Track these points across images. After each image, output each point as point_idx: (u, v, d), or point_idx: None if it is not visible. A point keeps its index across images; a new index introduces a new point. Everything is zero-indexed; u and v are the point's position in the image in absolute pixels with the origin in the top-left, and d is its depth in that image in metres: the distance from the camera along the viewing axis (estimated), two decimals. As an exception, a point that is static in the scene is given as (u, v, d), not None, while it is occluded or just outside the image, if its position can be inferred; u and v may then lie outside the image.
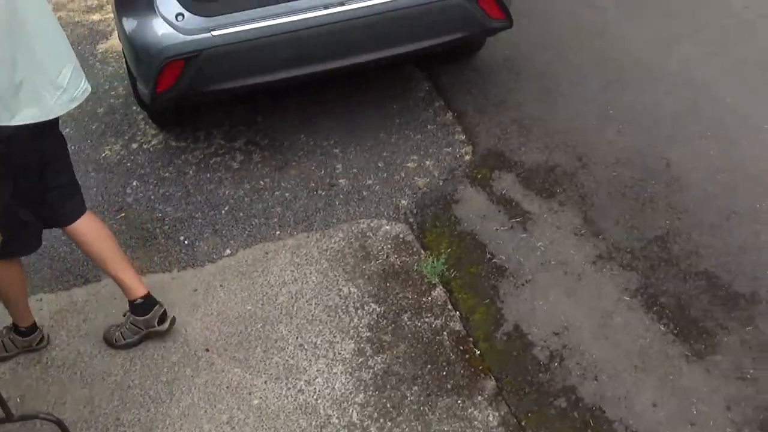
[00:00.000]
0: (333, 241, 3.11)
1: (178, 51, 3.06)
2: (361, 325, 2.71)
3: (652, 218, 2.92)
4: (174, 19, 3.06)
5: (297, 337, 2.70)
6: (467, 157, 3.48)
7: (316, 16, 3.13)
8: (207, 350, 2.70)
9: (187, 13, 3.06)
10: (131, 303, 2.69)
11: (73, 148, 4.13)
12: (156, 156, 3.91)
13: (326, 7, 3.14)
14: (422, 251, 2.99)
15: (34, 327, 2.72)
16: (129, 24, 3.13)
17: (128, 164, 3.87)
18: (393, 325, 2.69)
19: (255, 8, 3.11)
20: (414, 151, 3.59)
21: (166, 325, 2.72)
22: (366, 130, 3.82)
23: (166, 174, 3.73)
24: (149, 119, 4.12)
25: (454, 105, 3.91)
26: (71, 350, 2.77)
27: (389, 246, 3.03)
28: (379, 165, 3.54)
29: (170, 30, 3.05)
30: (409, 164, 3.51)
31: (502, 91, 3.92)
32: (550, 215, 2.98)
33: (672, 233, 2.84)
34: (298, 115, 4.02)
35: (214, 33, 3.06)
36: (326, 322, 2.74)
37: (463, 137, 3.63)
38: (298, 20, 3.12)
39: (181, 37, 3.06)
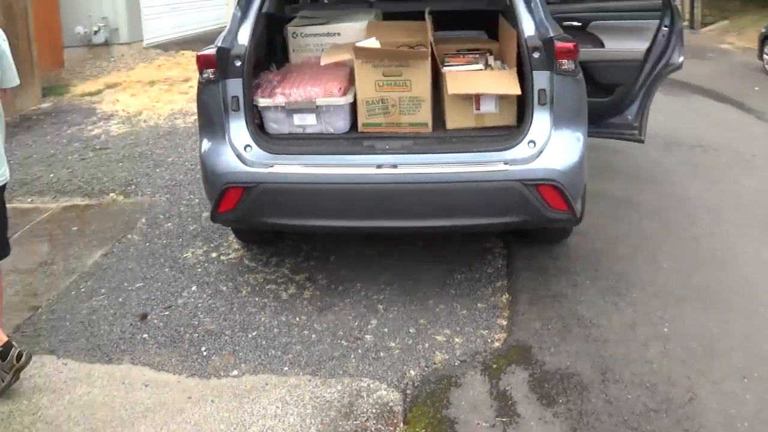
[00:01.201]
0: (328, 391, 3.21)
1: (238, 179, 3.48)
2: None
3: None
4: (242, 149, 3.50)
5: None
6: (496, 344, 3.46)
7: (367, 174, 3.41)
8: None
9: (254, 146, 3.49)
10: None
11: (165, 241, 4.72)
12: (225, 269, 4.32)
13: (379, 166, 3.42)
14: (401, 424, 3.00)
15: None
16: (205, 145, 3.62)
17: (199, 269, 4.31)
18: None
19: (314, 154, 3.46)
20: (450, 326, 3.64)
21: (24, 359, 3.13)
22: (419, 292, 3.95)
23: (223, 288, 4.10)
24: (235, 236, 4.57)
25: (513, 288, 3.95)
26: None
27: (374, 411, 3.07)
28: (410, 331, 3.63)
29: (236, 159, 3.48)
30: (438, 337, 3.56)
31: (565, 285, 3.91)
32: (537, 424, 2.88)
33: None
34: (368, 263, 4.27)
35: (272, 169, 3.44)
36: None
37: (504, 323, 3.63)
38: (351, 174, 3.41)
39: (244, 168, 3.47)
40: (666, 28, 5.26)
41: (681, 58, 5.29)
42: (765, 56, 11.89)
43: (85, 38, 12.22)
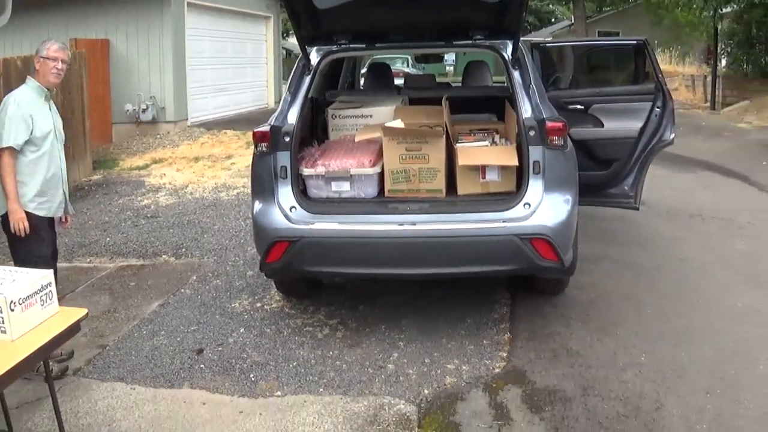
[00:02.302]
0: (356, 406, 4.04)
1: (285, 234, 4.42)
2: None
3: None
4: (288, 210, 4.45)
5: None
6: (496, 370, 4.28)
7: (391, 230, 4.34)
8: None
9: (298, 207, 4.45)
10: None
11: (214, 294, 5.63)
12: (269, 315, 5.21)
13: (401, 224, 4.35)
14: (416, 428, 3.83)
15: None
16: (257, 206, 4.58)
17: (246, 316, 5.20)
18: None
19: (347, 214, 4.41)
20: (459, 357, 4.47)
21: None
22: (435, 332, 4.78)
23: (267, 330, 4.98)
24: (277, 289, 5.49)
25: (514, 329, 4.78)
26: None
27: (394, 419, 3.88)
28: (426, 361, 4.46)
29: (283, 218, 4.44)
30: (449, 365, 4.39)
31: (559, 326, 4.75)
32: (527, 426, 3.68)
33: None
34: (393, 310, 5.12)
35: (313, 226, 4.39)
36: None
37: (504, 355, 4.46)
38: (377, 230, 4.35)
39: (290, 225, 4.42)
40: (658, 109, 6.23)
41: (672, 135, 6.24)
42: (778, 135, 12.70)
43: (134, 115, 13.49)
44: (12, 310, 3.01)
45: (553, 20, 53.67)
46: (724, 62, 21.73)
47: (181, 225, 7.80)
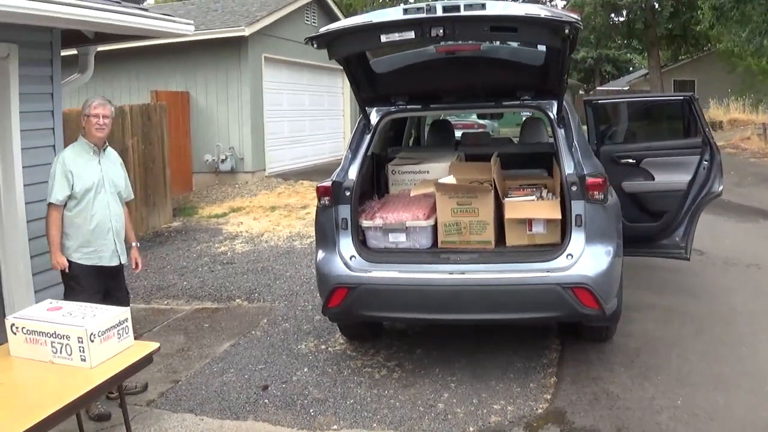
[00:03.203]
0: (406, 440, 4.43)
1: (345, 281, 4.87)
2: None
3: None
4: (348, 259, 4.91)
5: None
6: (539, 411, 4.59)
7: (442, 278, 4.74)
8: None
9: (357, 257, 4.90)
10: None
11: (282, 336, 6.10)
12: (332, 356, 5.64)
13: (451, 273, 4.75)
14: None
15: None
16: (320, 255, 5.06)
17: (310, 357, 5.64)
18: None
19: (403, 263, 4.84)
20: (506, 399, 4.78)
21: None
22: (485, 375, 5.12)
23: (329, 369, 5.40)
24: (341, 332, 5.92)
25: (560, 373, 5.08)
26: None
27: (442, 454, 4.26)
28: (474, 401, 4.79)
29: (343, 266, 4.89)
30: (495, 406, 4.72)
31: (603, 371, 5.03)
32: (562, 460, 4.01)
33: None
34: (446, 354, 5.49)
35: (371, 274, 4.82)
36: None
37: (548, 397, 4.76)
38: (429, 278, 4.75)
39: (349, 273, 4.87)
40: (706, 162, 6.48)
41: (720, 187, 6.47)
42: None
43: (213, 165, 14.27)
44: (92, 341, 3.55)
45: (630, 69, 53.57)
46: (796, 110, 21.42)
47: (255, 271, 8.35)
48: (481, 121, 24.59)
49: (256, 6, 15.95)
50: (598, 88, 47.66)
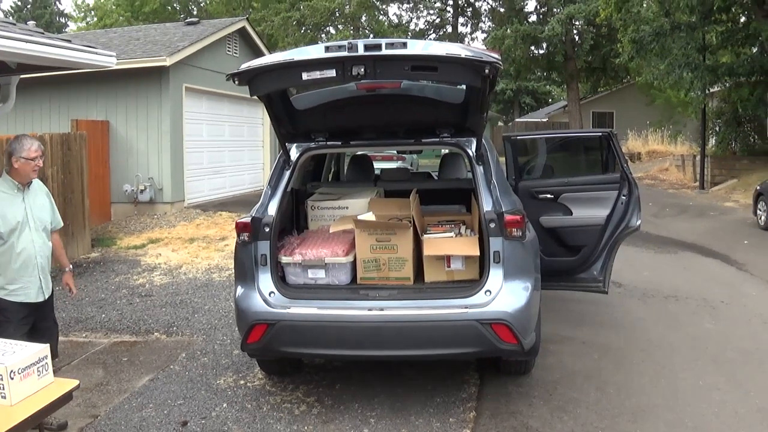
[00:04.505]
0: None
1: (263, 317, 4.87)
2: None
3: None
4: (267, 295, 4.91)
5: None
6: (457, 445, 4.69)
7: (361, 314, 4.79)
8: None
9: (276, 293, 4.91)
10: None
11: (201, 371, 6.04)
12: (251, 392, 5.60)
13: (370, 309, 4.80)
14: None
15: None
16: (239, 290, 5.05)
17: (229, 392, 5.60)
18: None
19: (322, 299, 4.87)
20: (425, 434, 4.88)
21: None
22: (404, 410, 5.16)
23: (248, 405, 5.37)
24: (260, 367, 5.90)
25: (480, 407, 5.17)
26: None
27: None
28: (394, 436, 4.86)
29: (262, 302, 4.89)
30: (415, 441, 4.80)
31: (522, 405, 5.14)
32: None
33: None
34: (366, 389, 5.52)
35: (290, 310, 4.84)
36: None
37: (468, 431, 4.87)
38: (348, 315, 4.79)
39: (268, 309, 4.87)
40: (624, 197, 6.72)
41: (638, 222, 6.71)
42: (759, 212, 13.15)
43: (132, 195, 14.06)
44: (12, 379, 3.50)
45: (550, 100, 55.03)
46: (713, 141, 22.39)
47: (174, 304, 8.24)
48: (400, 154, 24.79)
49: (177, 36, 15.89)
50: (517, 119, 48.93)
